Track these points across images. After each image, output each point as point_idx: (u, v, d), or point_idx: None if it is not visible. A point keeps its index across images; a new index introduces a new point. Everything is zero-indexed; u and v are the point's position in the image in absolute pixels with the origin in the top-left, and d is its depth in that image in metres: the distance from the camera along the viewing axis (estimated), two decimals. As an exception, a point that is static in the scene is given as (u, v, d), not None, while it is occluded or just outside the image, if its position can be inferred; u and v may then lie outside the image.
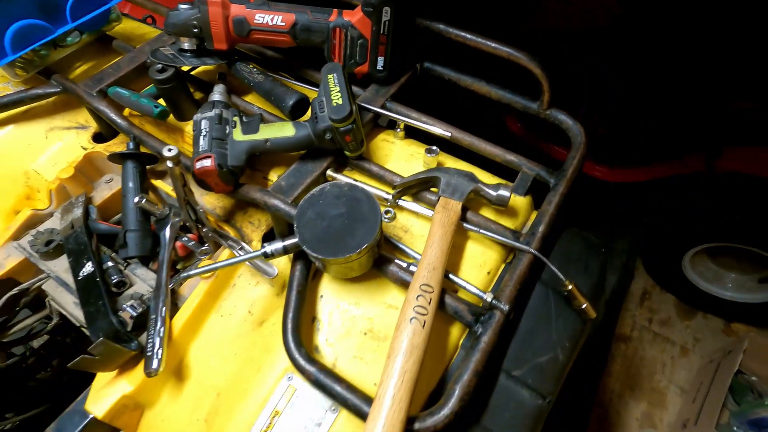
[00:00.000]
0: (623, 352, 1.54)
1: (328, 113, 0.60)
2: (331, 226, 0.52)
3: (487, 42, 0.70)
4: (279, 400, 0.53)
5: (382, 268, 0.56)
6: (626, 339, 1.57)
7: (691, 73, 1.22)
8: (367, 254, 0.52)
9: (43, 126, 0.83)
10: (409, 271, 0.55)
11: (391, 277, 0.56)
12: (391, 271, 0.56)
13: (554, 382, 0.54)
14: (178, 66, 0.71)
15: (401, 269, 0.55)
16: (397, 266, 0.56)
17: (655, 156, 1.45)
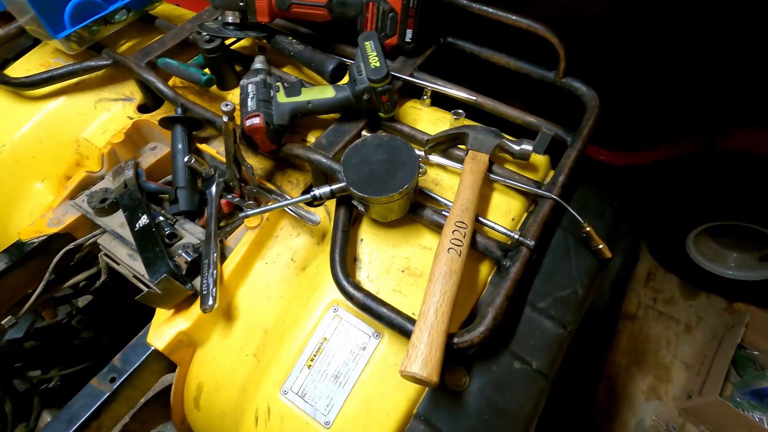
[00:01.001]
0: (629, 329, 1.60)
1: (366, 75, 0.66)
2: (375, 171, 0.58)
3: (508, 15, 0.76)
4: (326, 328, 0.59)
5: (417, 212, 0.62)
6: (632, 317, 1.63)
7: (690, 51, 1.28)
8: (406, 196, 0.58)
9: (93, 97, 0.89)
10: (443, 215, 0.61)
11: (425, 220, 0.62)
12: (426, 215, 0.61)
13: (575, 314, 0.60)
14: (223, 37, 0.77)
15: (436, 213, 0.61)
16: (432, 210, 0.62)
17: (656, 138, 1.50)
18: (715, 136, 1.36)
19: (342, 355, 0.57)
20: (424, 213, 0.61)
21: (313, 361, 0.57)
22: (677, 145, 1.49)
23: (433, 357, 0.46)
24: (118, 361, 0.63)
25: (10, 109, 0.86)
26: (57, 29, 0.77)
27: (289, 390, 0.57)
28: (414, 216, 0.63)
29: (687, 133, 1.45)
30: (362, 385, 0.55)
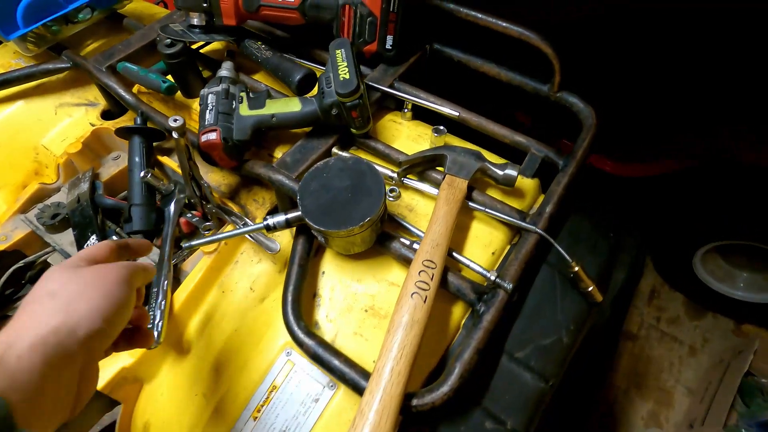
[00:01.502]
0: (630, 350, 1.52)
1: (335, 88, 0.60)
2: (335, 199, 0.51)
3: (498, 21, 0.69)
4: (277, 374, 0.53)
5: (385, 244, 0.55)
6: (633, 337, 1.55)
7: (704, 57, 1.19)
8: (369, 228, 0.51)
9: (53, 102, 0.83)
10: (413, 248, 0.54)
11: (393, 254, 0.55)
12: (394, 248, 0.55)
13: (558, 365, 0.53)
14: (186, 41, 0.71)
15: (404, 246, 0.55)
16: (400, 243, 0.55)
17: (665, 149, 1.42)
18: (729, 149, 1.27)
19: (292, 407, 0.51)
20: (392, 245, 0.55)
21: (260, 412, 0.51)
22: (687, 157, 1.40)
23: (383, 427, 0.40)
24: (52, 400, 0.57)
25: (-35, 113, 0.81)
26: (8, 30, 0.71)
27: (233, 443, 0.51)
28: (381, 249, 0.56)
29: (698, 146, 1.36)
30: (312, 442, 0.49)
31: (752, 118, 1.20)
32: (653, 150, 1.45)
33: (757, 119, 1.18)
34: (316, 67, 0.77)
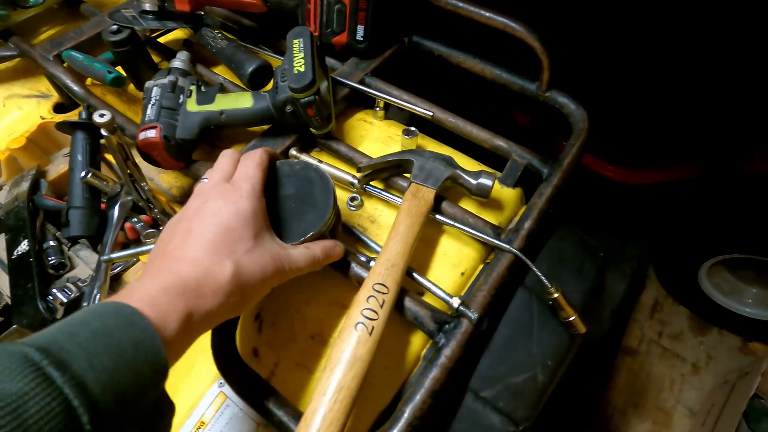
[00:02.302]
0: (629, 365, 1.44)
1: (288, 82, 0.53)
2: (279, 210, 0.44)
3: (481, 11, 0.61)
4: (207, 408, 0.46)
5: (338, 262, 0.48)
6: (633, 352, 1.47)
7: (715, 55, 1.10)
8: None
9: (1, 93, 0.77)
10: (368, 266, 0.47)
11: (347, 273, 0.48)
12: (350, 267, 0.48)
13: (530, 407, 0.46)
14: (136, 28, 0.64)
15: (359, 264, 0.48)
16: (356, 261, 0.48)
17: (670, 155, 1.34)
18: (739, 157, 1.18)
19: (221, 448, 0.44)
20: (347, 263, 0.48)
21: (185, 452, 0.45)
22: (694, 165, 1.31)
23: (305, 491, 0.33)
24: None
25: None
26: (-57, 13, 0.65)
27: (155, 486, 0.44)
28: (334, 266, 0.49)
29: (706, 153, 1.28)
30: (239, 493, 0.42)
31: (763, 125, 1.12)
32: (657, 155, 1.36)
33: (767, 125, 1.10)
34: (280, 59, 0.70)
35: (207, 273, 0.33)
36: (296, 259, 0.40)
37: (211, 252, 0.35)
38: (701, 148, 1.28)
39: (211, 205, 0.37)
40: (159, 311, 0.30)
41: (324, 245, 0.43)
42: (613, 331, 1.51)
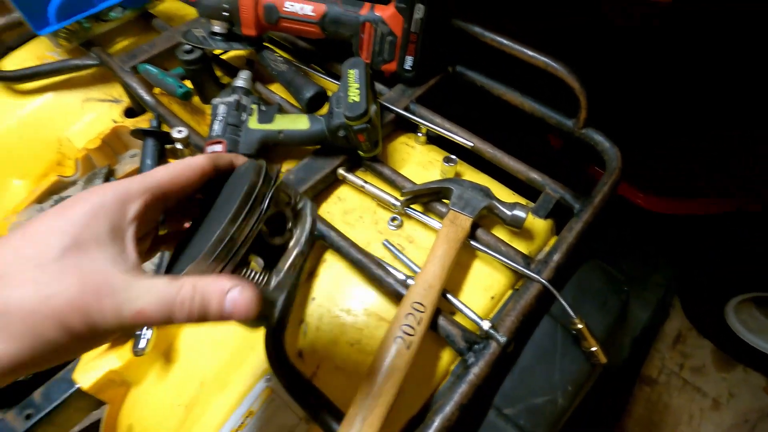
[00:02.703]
0: (647, 395, 1.43)
1: (343, 110, 0.58)
2: (193, 225, 0.36)
3: (525, 50, 0.65)
4: (254, 400, 0.51)
5: (377, 278, 0.53)
6: (652, 382, 1.46)
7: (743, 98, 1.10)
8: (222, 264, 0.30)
9: (80, 96, 0.85)
10: (406, 284, 0.52)
11: (386, 289, 0.53)
12: (387, 283, 0.52)
13: (549, 427, 0.49)
14: (206, 48, 0.71)
15: (397, 282, 0.52)
16: (393, 278, 0.52)
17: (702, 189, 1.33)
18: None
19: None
20: (384, 280, 0.52)
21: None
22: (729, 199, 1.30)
23: (345, 483, 0.38)
24: (38, 396, 0.58)
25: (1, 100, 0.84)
26: (39, 25, 0.73)
27: (204, 466, 0.50)
28: (373, 282, 0.54)
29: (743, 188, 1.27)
30: (280, 479, 0.47)
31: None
32: (689, 187, 1.36)
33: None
34: (335, 82, 0.76)
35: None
36: (136, 295, 0.25)
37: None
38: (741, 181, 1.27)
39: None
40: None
41: (207, 288, 0.27)
42: (632, 358, 1.50)
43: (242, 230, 0.29)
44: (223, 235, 0.28)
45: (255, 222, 0.30)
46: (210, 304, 0.27)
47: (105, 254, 0.26)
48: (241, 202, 0.29)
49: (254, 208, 0.30)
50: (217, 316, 0.27)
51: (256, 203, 0.30)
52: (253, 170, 0.31)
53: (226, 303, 0.27)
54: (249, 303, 0.27)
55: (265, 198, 0.31)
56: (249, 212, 0.29)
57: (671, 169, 1.40)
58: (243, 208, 0.29)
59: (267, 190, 0.31)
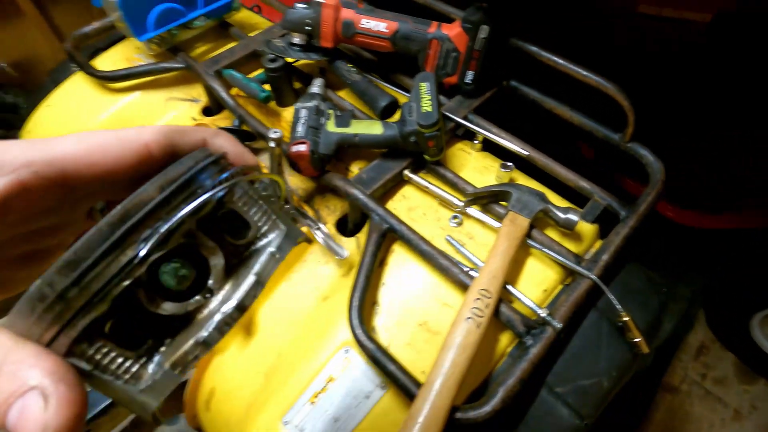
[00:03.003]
0: (669, 402, 1.47)
1: (416, 118, 0.65)
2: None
3: (578, 69, 0.72)
4: (335, 368, 0.59)
5: (443, 267, 0.60)
6: (674, 390, 1.49)
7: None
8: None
9: (164, 95, 0.95)
10: (469, 275, 0.59)
11: (451, 278, 0.60)
12: (452, 273, 0.60)
13: (595, 407, 0.56)
14: (287, 58, 0.79)
15: (462, 272, 0.59)
16: (458, 269, 0.60)
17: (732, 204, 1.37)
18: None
19: (345, 399, 0.57)
20: (450, 270, 0.60)
21: (316, 398, 0.58)
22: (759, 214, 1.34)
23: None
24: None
25: (94, 98, 0.94)
26: (140, 32, 0.83)
27: (290, 422, 0.58)
28: (440, 271, 0.61)
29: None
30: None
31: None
32: (719, 202, 1.40)
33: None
34: (397, 90, 0.83)
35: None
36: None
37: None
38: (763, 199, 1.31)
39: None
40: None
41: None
42: (655, 366, 1.54)
43: (93, 280, 0.18)
44: (47, 287, 0.17)
45: (125, 268, 0.18)
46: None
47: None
48: (100, 231, 0.18)
49: (124, 245, 0.18)
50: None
51: (137, 229, 0.18)
52: (173, 169, 0.20)
53: (9, 417, 0.16)
54: (56, 421, 0.15)
55: (165, 224, 0.19)
56: (115, 246, 0.18)
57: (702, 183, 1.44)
58: (99, 242, 0.18)
59: (170, 212, 0.19)
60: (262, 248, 0.24)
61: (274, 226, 0.24)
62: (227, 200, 0.22)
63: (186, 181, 0.20)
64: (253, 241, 0.24)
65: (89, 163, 0.21)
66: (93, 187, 0.21)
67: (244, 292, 0.23)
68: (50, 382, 0.16)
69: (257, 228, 0.24)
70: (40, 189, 0.20)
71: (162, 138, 0.23)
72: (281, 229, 0.24)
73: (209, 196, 0.21)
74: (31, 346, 0.17)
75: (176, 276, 0.22)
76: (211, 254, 0.22)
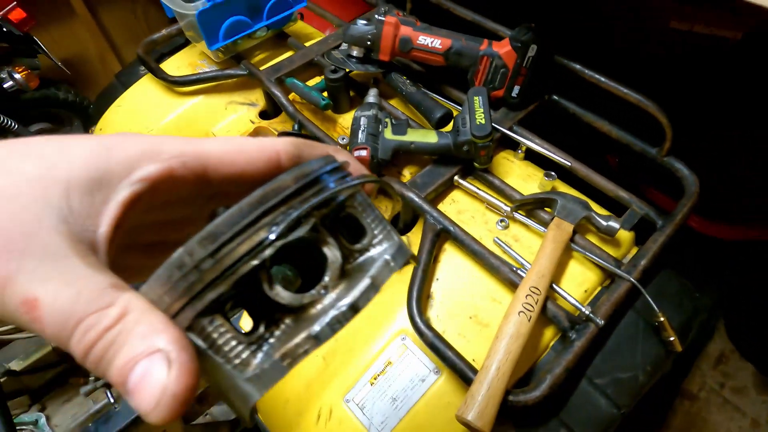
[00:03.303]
0: (687, 408, 1.51)
1: (470, 129, 0.71)
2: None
3: (619, 87, 0.77)
4: (392, 353, 0.66)
5: (494, 266, 0.66)
6: (692, 397, 1.53)
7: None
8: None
9: (225, 99, 1.03)
10: (518, 274, 0.65)
11: (501, 276, 0.66)
12: (502, 271, 0.66)
13: (631, 398, 0.61)
14: (346, 69, 0.86)
15: (511, 271, 0.65)
16: (507, 267, 0.66)
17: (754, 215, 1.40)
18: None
19: (402, 381, 0.63)
20: (500, 269, 0.66)
21: (376, 380, 0.64)
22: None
23: (489, 411, 0.51)
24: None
25: (162, 100, 1.02)
26: (212, 42, 0.91)
27: (351, 400, 0.65)
28: (490, 269, 0.67)
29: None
30: (416, 413, 0.61)
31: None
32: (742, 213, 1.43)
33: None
34: (446, 102, 0.90)
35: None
36: (44, 275, 0.16)
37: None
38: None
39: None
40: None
41: (133, 330, 0.17)
42: (674, 374, 1.58)
43: (226, 256, 0.19)
44: (187, 255, 0.18)
45: (256, 249, 0.19)
46: (115, 358, 0.17)
47: (59, 202, 0.17)
48: (241, 209, 0.19)
49: (258, 225, 0.19)
50: (114, 382, 0.17)
51: (272, 212, 0.20)
52: (306, 166, 0.22)
53: (132, 375, 0.17)
54: (168, 394, 0.16)
55: (293, 213, 0.20)
56: (251, 224, 0.19)
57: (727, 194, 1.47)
58: (238, 219, 0.19)
59: (302, 202, 0.21)
60: (376, 256, 0.24)
61: (388, 236, 0.24)
62: (348, 204, 0.23)
63: (317, 178, 0.22)
64: (367, 248, 0.24)
65: (229, 161, 0.22)
66: (225, 186, 0.23)
67: (359, 292, 0.23)
68: (175, 348, 0.17)
69: (372, 236, 0.24)
70: (184, 179, 0.21)
71: (292, 148, 0.24)
72: (394, 240, 0.24)
73: (339, 189, 0.22)
74: (161, 314, 0.18)
75: (283, 279, 0.22)
76: (330, 251, 0.22)
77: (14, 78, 1.49)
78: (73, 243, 0.17)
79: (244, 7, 0.92)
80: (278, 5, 0.95)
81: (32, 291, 0.16)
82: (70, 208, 0.17)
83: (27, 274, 0.16)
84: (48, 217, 0.17)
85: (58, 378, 1.02)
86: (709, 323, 1.63)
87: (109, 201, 0.18)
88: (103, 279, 0.17)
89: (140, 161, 0.19)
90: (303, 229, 0.21)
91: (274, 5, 0.95)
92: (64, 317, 0.16)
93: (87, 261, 0.17)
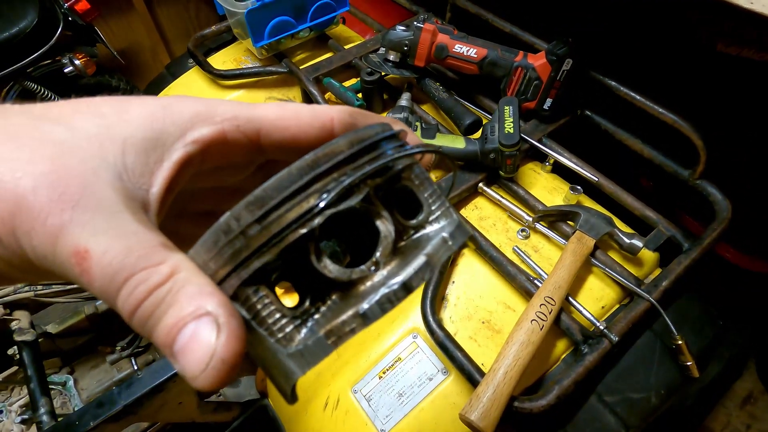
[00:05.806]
0: (707, 447, 1.44)
1: (498, 137, 0.72)
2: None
3: (654, 106, 0.76)
4: (403, 350, 0.67)
5: (511, 274, 0.67)
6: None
7: None
8: None
9: (264, 95, 1.07)
10: (534, 283, 0.65)
11: (517, 284, 0.66)
12: (519, 279, 0.66)
13: (641, 420, 0.60)
14: (381, 72, 0.89)
15: (527, 280, 0.66)
16: (524, 276, 0.66)
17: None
18: None
19: (410, 378, 0.65)
20: (517, 277, 0.66)
21: (384, 374, 0.66)
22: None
23: (492, 413, 0.52)
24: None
25: (207, 92, 1.08)
26: (257, 39, 0.95)
27: (359, 391, 0.66)
28: (506, 277, 0.68)
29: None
30: (421, 410, 0.62)
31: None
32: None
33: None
34: (477, 110, 0.91)
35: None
36: (96, 228, 0.16)
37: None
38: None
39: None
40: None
41: (183, 289, 0.16)
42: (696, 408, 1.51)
43: (273, 222, 0.18)
44: (233, 220, 0.18)
45: (304, 216, 0.18)
46: (164, 317, 0.16)
47: (115, 159, 0.17)
48: (290, 173, 0.18)
49: (308, 192, 0.18)
50: (160, 342, 0.16)
51: (323, 178, 0.19)
52: (363, 131, 0.20)
53: (180, 336, 0.16)
54: (217, 358, 0.16)
55: (346, 180, 0.19)
56: (301, 190, 0.18)
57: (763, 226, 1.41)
58: (287, 184, 0.18)
59: (356, 168, 0.19)
60: (432, 234, 0.21)
61: (446, 213, 0.21)
62: (405, 176, 0.21)
63: (373, 143, 0.20)
64: (423, 224, 0.21)
65: (282, 126, 0.21)
66: (277, 153, 0.22)
67: (413, 271, 0.19)
68: (224, 313, 0.16)
69: (429, 212, 0.21)
70: (237, 143, 0.20)
71: (347, 116, 0.23)
72: (453, 218, 0.21)
73: (397, 156, 0.20)
74: (209, 278, 0.17)
75: (332, 254, 0.21)
76: (383, 225, 0.20)
77: (74, 64, 1.61)
78: (126, 199, 0.17)
79: (290, 8, 0.96)
80: (322, 8, 1.00)
81: (84, 242, 0.16)
82: (125, 165, 0.18)
83: (80, 225, 0.16)
84: (104, 172, 0.17)
85: (87, 344, 1.09)
86: (738, 359, 1.56)
87: (163, 161, 0.19)
88: (153, 237, 0.17)
89: (194, 123, 0.19)
90: (355, 199, 0.19)
91: (319, 8, 0.99)
92: (113, 271, 0.16)
93: (139, 218, 0.17)
